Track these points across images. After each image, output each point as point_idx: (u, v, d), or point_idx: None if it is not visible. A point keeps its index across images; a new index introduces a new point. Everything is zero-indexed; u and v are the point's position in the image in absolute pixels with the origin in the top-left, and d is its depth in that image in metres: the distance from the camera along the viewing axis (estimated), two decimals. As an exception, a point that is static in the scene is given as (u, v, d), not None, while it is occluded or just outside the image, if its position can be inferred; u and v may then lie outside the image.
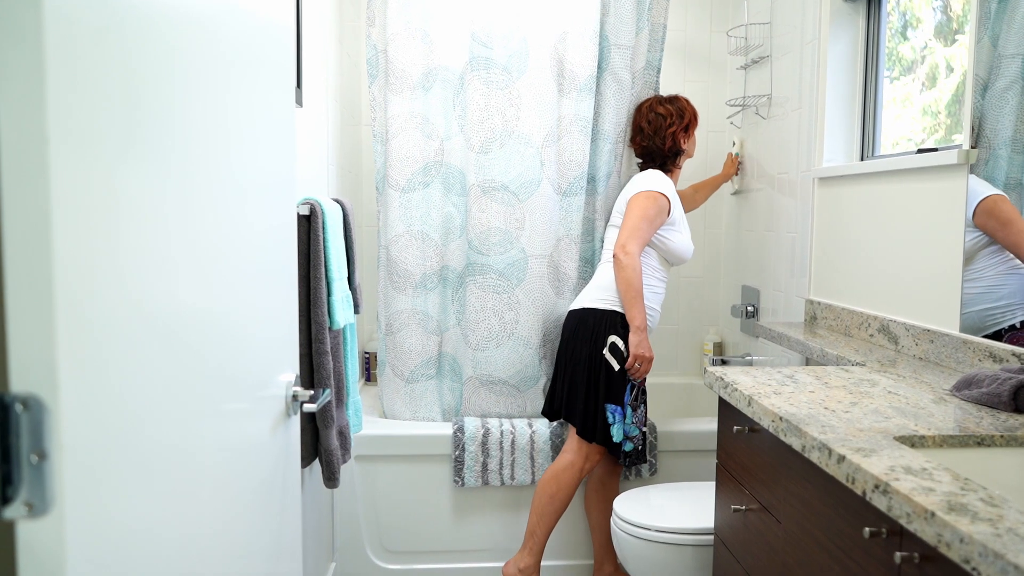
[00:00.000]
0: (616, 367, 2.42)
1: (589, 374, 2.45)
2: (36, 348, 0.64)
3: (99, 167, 0.72)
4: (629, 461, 2.47)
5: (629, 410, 2.43)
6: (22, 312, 0.63)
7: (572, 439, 2.49)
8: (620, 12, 2.69)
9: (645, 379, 2.49)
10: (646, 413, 2.50)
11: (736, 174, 3.19)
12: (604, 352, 2.43)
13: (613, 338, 2.43)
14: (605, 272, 2.52)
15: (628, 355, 2.42)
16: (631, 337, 2.40)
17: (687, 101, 2.63)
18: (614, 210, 2.60)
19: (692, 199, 3.03)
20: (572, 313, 2.53)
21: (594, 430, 2.43)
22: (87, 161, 0.70)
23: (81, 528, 0.68)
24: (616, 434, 2.42)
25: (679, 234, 2.52)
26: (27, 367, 0.64)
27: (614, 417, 2.42)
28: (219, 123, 1.01)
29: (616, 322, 2.44)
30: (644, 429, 2.48)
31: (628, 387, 2.43)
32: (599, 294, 2.49)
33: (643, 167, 2.64)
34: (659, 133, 2.57)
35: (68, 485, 0.66)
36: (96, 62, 0.71)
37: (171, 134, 0.87)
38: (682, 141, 2.60)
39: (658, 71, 2.80)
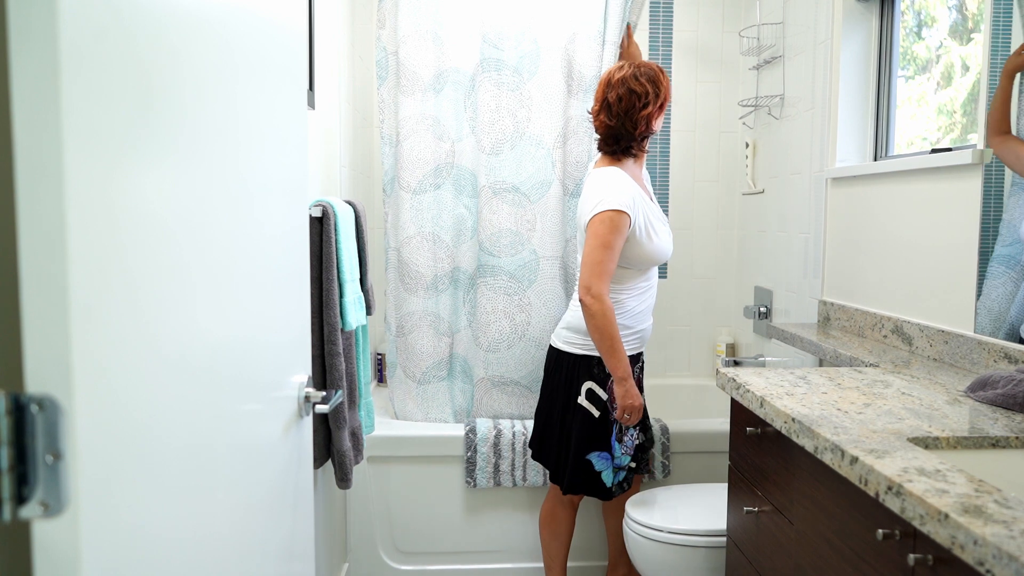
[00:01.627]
0: (596, 414, 2.21)
1: (562, 425, 2.28)
2: (51, 349, 0.64)
3: (111, 169, 0.73)
4: (629, 483, 2.30)
5: (617, 445, 2.23)
6: (37, 313, 0.64)
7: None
8: (613, 10, 2.68)
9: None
10: (639, 429, 2.30)
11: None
12: (580, 401, 2.22)
13: (589, 384, 2.22)
14: (575, 310, 2.26)
15: (607, 400, 2.21)
16: (616, 388, 2.15)
17: (661, 71, 2.22)
18: (578, 225, 2.28)
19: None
20: (551, 348, 2.35)
21: (578, 484, 2.25)
22: (100, 164, 0.70)
23: (95, 528, 0.69)
24: (608, 479, 2.23)
25: (646, 243, 2.17)
26: (42, 368, 0.64)
27: (601, 463, 2.23)
28: (231, 126, 1.01)
29: (591, 367, 2.22)
30: (636, 443, 2.29)
31: (615, 426, 2.23)
32: (571, 336, 2.26)
33: (601, 148, 2.26)
34: (630, 115, 2.16)
35: (83, 485, 0.67)
36: (107, 65, 0.72)
37: (183, 136, 0.88)
38: (654, 122, 2.21)
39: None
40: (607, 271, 2.10)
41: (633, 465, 2.29)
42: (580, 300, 2.12)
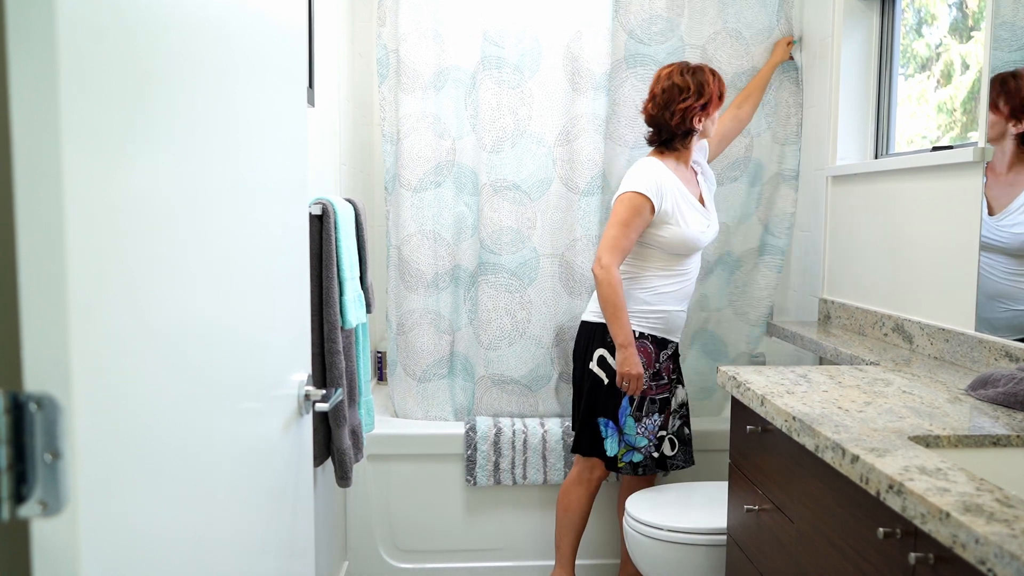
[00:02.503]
0: (605, 380, 2.34)
1: (579, 388, 2.43)
2: (50, 348, 0.64)
3: (111, 168, 0.72)
4: (645, 470, 2.34)
5: (630, 420, 2.31)
6: (36, 312, 0.64)
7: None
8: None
9: (669, 388, 2.35)
10: (666, 420, 2.34)
11: (791, 58, 2.70)
12: (591, 366, 2.36)
13: (600, 351, 2.34)
14: None
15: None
16: (617, 354, 2.27)
17: (713, 76, 2.32)
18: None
19: (736, 119, 2.61)
20: (580, 323, 2.49)
21: (583, 444, 2.38)
22: (99, 163, 0.70)
23: (94, 527, 0.69)
24: (610, 448, 2.33)
25: (673, 227, 2.27)
26: (41, 367, 0.64)
27: (606, 431, 2.33)
28: (231, 124, 1.01)
29: (605, 335, 2.34)
30: (661, 434, 2.33)
31: (627, 399, 2.32)
32: (592, 306, 2.42)
33: (651, 140, 2.40)
34: (669, 106, 2.29)
35: (82, 484, 0.66)
36: (107, 65, 0.72)
37: (183, 136, 0.88)
38: (695, 120, 2.29)
39: None
40: (619, 246, 2.24)
41: (656, 455, 2.34)
42: (592, 270, 2.28)
